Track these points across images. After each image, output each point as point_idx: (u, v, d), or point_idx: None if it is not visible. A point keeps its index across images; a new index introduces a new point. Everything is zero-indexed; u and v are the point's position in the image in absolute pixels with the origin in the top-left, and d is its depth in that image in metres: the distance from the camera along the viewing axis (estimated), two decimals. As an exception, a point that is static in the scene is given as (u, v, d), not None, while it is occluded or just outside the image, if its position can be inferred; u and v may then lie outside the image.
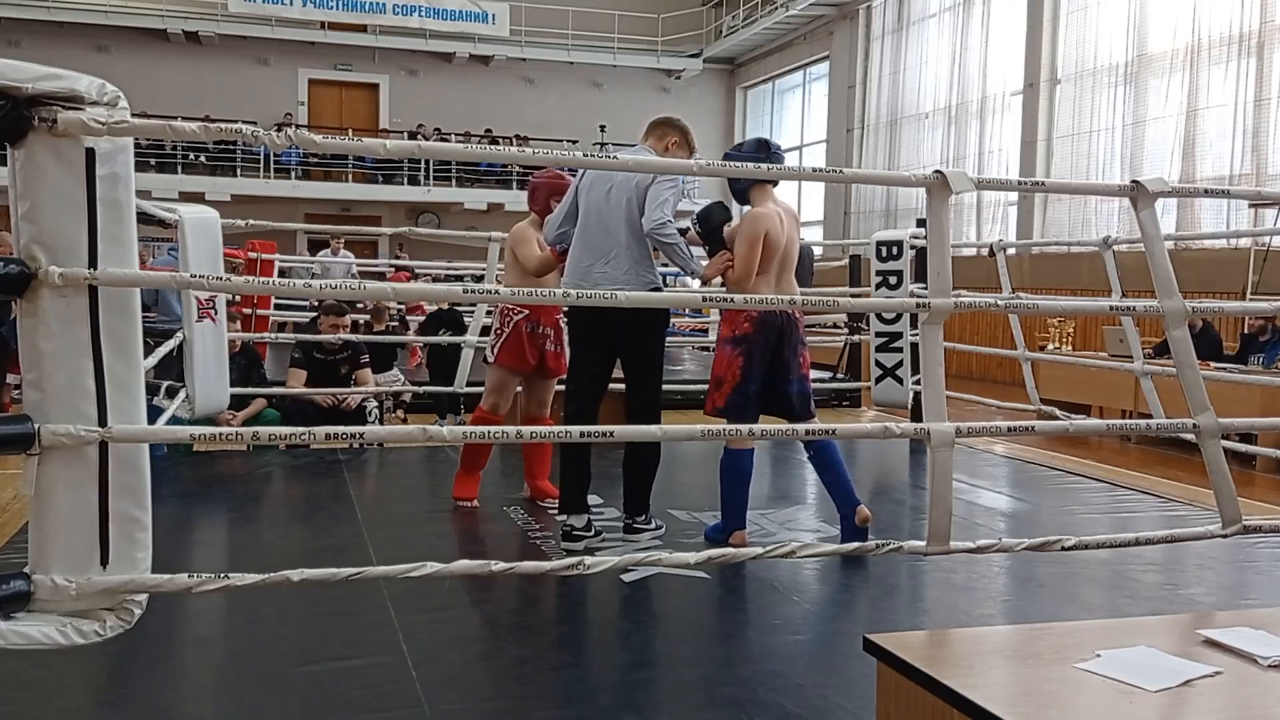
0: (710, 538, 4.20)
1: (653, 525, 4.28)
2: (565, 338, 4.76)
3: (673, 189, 3.97)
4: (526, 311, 4.57)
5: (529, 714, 2.66)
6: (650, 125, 4.25)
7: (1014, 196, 14.41)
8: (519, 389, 4.84)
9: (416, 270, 10.18)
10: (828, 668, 2.97)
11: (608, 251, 3.99)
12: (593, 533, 4.13)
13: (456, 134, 20.16)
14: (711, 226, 4.15)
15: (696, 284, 4.08)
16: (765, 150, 4.05)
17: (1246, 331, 8.79)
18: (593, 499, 4.76)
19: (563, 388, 4.36)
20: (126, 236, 2.20)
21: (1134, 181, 3.20)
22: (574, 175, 4.32)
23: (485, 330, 5.72)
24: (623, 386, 4.28)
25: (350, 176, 19.55)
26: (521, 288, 4.72)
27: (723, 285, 4.12)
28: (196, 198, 14.37)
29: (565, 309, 4.58)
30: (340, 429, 2.51)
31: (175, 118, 2.41)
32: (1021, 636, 2.33)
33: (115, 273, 2.15)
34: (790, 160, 20.63)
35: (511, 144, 19.34)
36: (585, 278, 4.02)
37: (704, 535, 4.27)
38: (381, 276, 10.59)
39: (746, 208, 4.10)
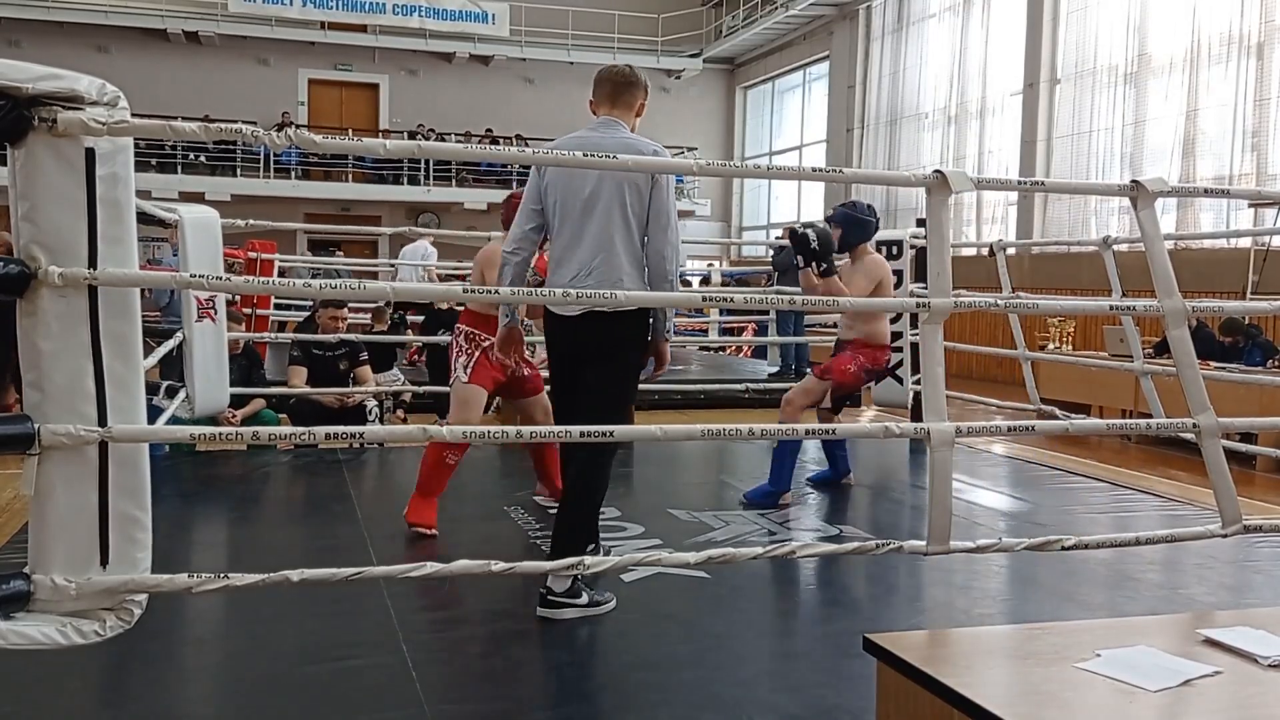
0: (752, 500, 4.89)
1: (583, 599, 3.35)
2: (536, 358, 4.78)
3: (673, 197, 3.53)
4: (492, 340, 4.10)
5: (529, 714, 2.66)
6: (607, 91, 3.45)
7: (1014, 196, 14.41)
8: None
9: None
10: (828, 668, 2.97)
11: (591, 260, 3.42)
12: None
13: (456, 134, 20.16)
14: (828, 248, 4.66)
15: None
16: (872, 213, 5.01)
17: (1224, 344, 8.80)
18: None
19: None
20: (126, 236, 2.19)
21: (1134, 181, 3.20)
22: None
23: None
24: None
25: (350, 176, 19.56)
26: (521, 287, 4.71)
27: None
28: (196, 198, 14.37)
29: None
30: (340, 429, 2.51)
31: (175, 118, 2.41)
32: (1021, 636, 2.33)
33: (115, 273, 2.15)
34: (790, 160, 20.76)
35: (511, 144, 19.34)
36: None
37: (744, 499, 4.94)
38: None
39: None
